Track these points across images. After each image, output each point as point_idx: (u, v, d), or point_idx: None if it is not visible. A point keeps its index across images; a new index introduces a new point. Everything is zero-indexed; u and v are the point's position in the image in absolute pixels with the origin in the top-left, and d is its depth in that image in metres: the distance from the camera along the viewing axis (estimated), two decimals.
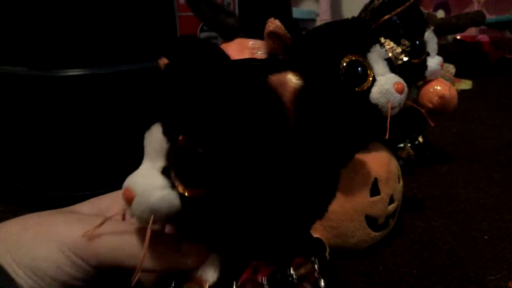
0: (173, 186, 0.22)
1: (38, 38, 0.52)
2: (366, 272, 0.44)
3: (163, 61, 0.26)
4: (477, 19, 1.35)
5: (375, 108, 0.37)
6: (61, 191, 0.57)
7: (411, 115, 0.61)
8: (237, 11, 0.66)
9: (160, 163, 0.23)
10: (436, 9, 1.72)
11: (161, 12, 0.57)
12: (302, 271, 0.27)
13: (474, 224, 0.52)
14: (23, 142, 0.58)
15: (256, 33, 0.41)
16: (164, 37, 0.58)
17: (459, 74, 1.23)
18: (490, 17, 1.50)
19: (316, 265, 0.28)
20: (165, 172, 0.23)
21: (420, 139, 0.67)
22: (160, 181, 0.23)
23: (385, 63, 0.39)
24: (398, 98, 0.41)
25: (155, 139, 0.24)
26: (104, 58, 0.54)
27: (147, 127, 0.24)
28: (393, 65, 0.43)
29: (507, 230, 0.51)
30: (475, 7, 1.65)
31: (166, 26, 0.58)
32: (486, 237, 0.50)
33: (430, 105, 0.62)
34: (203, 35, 0.63)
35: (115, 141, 0.57)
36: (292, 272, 0.27)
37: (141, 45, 0.56)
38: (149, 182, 0.23)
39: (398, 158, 0.63)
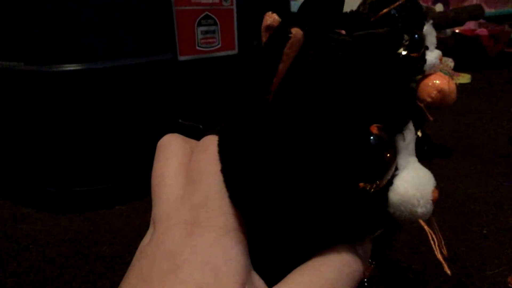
0: None
1: (34, 33, 0.52)
2: None
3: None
4: (476, 13, 1.35)
5: None
6: (58, 187, 0.57)
7: None
8: (234, 3, 0.66)
9: None
10: (435, 2, 1.71)
11: (157, 6, 0.57)
12: (366, 274, 0.26)
13: (473, 219, 0.52)
14: (20, 138, 0.57)
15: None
16: (161, 32, 0.58)
17: (458, 68, 1.22)
18: (489, 11, 1.50)
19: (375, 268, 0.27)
20: None
21: (419, 133, 0.67)
22: None
23: None
24: None
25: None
26: (101, 53, 0.53)
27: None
28: None
29: (506, 225, 0.51)
30: (474, 0, 1.65)
31: (163, 20, 0.58)
32: (485, 231, 0.50)
33: (429, 99, 0.61)
34: (201, 29, 0.62)
35: (112, 136, 0.56)
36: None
37: (137, 39, 0.56)
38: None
39: None
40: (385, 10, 0.51)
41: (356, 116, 0.19)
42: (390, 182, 0.20)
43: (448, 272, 0.22)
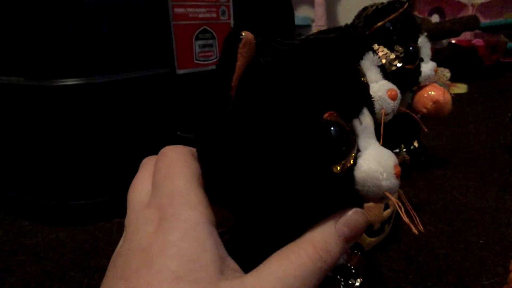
0: None
1: (34, 48, 0.53)
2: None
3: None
4: (471, 23, 1.36)
5: None
6: (57, 200, 0.57)
7: (406, 120, 0.61)
8: (231, 17, 0.67)
9: None
10: (431, 13, 1.73)
11: (156, 21, 0.58)
12: (353, 263, 0.28)
13: (470, 229, 0.53)
14: (19, 152, 0.58)
15: None
16: (159, 46, 0.59)
17: (454, 78, 1.23)
18: (484, 21, 1.51)
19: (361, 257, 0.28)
20: None
21: (415, 144, 0.68)
22: None
23: (378, 70, 0.39)
24: (391, 105, 0.41)
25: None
26: (100, 67, 0.54)
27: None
28: (386, 72, 0.44)
29: (503, 235, 0.51)
30: (470, 11, 1.66)
31: (161, 35, 0.59)
32: (482, 241, 0.50)
33: (424, 110, 0.62)
34: (199, 43, 0.63)
35: (111, 150, 0.57)
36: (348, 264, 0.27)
37: (136, 54, 0.57)
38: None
39: None
40: (379, 24, 0.51)
41: (312, 105, 0.21)
42: (355, 163, 0.22)
43: (418, 230, 0.23)
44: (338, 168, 0.21)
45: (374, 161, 0.22)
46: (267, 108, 0.21)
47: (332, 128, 0.21)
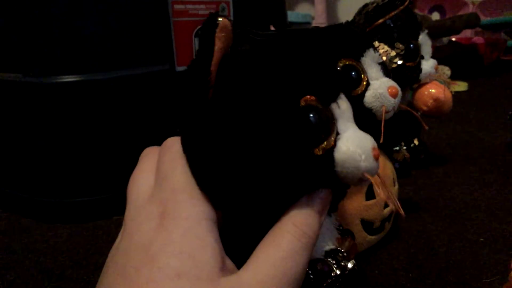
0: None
1: (32, 44, 0.52)
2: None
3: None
4: (471, 21, 1.36)
5: (369, 112, 0.37)
6: (56, 197, 0.57)
7: (406, 118, 0.61)
8: (232, 14, 0.67)
9: None
10: (431, 11, 1.73)
11: (155, 18, 0.57)
12: (345, 247, 0.28)
13: (470, 227, 0.52)
14: (18, 149, 0.57)
15: None
16: (159, 43, 0.59)
17: (454, 76, 1.23)
18: (484, 19, 1.51)
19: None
20: None
21: (416, 141, 0.67)
22: None
23: (379, 67, 0.39)
24: (392, 102, 0.41)
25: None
26: (99, 64, 0.54)
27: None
28: (387, 69, 0.43)
29: (503, 233, 0.51)
30: (470, 9, 1.66)
31: (161, 32, 0.59)
32: (482, 239, 0.50)
33: (424, 108, 0.62)
34: (198, 39, 0.63)
35: (110, 147, 0.57)
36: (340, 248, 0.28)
37: (136, 51, 0.56)
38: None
39: (394, 161, 0.63)
40: (380, 21, 0.51)
41: (290, 90, 0.22)
42: (334, 145, 0.22)
43: (402, 213, 0.24)
44: (319, 150, 0.22)
45: (353, 143, 0.22)
46: (247, 93, 0.22)
47: (310, 112, 0.22)
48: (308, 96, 0.22)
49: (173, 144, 0.26)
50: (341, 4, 2.11)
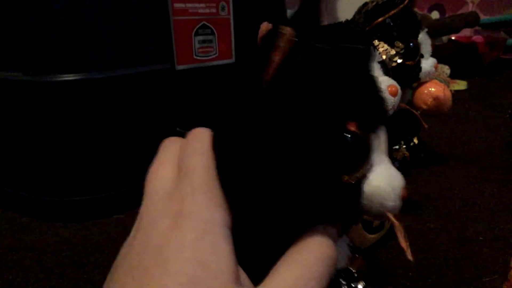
0: None
1: (32, 43, 0.52)
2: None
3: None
4: (471, 20, 1.36)
5: None
6: (56, 196, 0.57)
7: (406, 116, 0.61)
8: (231, 13, 0.66)
9: None
10: (430, 10, 1.73)
11: (155, 17, 0.57)
12: (355, 267, 0.28)
13: (470, 226, 0.52)
14: (18, 147, 0.57)
15: None
16: (159, 42, 0.58)
17: (454, 75, 1.23)
18: (484, 18, 1.51)
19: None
20: None
21: (415, 140, 0.67)
22: None
23: (378, 66, 0.39)
24: (391, 101, 0.41)
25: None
26: (99, 63, 0.54)
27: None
28: (386, 68, 0.44)
29: (502, 232, 0.51)
30: (470, 8, 1.66)
31: (161, 31, 0.58)
32: (481, 238, 0.50)
33: (424, 107, 0.62)
34: (198, 38, 0.63)
35: (110, 146, 0.57)
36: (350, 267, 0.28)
37: (136, 49, 0.56)
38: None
39: (393, 159, 0.63)
40: (380, 19, 0.51)
41: (335, 114, 0.21)
42: (365, 177, 0.22)
43: (411, 258, 0.24)
44: (352, 179, 0.21)
45: (385, 180, 0.22)
46: (296, 107, 0.21)
47: (351, 138, 0.21)
48: (353, 122, 0.21)
49: (200, 135, 0.24)
50: (340, 2, 2.10)
